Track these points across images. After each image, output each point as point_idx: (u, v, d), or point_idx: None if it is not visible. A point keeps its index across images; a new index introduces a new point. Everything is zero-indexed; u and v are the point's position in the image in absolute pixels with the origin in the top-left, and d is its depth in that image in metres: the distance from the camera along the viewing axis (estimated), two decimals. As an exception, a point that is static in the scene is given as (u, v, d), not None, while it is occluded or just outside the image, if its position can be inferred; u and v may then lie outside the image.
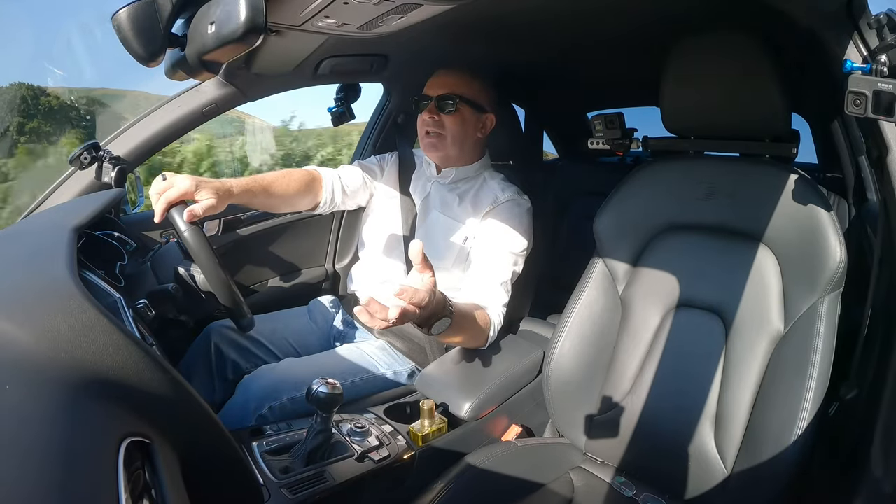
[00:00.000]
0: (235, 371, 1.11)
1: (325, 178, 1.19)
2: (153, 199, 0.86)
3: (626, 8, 0.97)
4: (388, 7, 0.68)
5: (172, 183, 0.86)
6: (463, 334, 0.99)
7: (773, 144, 0.90)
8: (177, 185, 0.85)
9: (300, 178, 1.14)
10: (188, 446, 0.50)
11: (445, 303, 0.86)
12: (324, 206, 1.20)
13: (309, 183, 1.16)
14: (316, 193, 1.18)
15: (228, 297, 0.85)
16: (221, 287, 0.85)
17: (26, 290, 0.47)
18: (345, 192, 1.23)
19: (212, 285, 0.85)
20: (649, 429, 0.89)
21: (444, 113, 1.13)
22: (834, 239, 0.77)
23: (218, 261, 0.85)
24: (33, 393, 0.38)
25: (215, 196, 0.90)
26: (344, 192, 1.23)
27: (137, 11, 0.63)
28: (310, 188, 1.16)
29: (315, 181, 1.18)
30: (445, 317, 0.86)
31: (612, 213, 0.99)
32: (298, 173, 1.15)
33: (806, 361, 0.76)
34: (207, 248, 0.84)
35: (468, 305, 1.00)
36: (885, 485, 0.68)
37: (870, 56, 0.69)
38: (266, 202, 1.07)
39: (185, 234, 0.84)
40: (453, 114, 1.13)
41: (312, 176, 1.17)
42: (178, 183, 0.86)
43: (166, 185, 0.85)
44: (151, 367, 0.46)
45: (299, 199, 1.15)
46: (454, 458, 0.88)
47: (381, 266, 1.22)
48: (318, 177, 1.19)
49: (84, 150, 1.03)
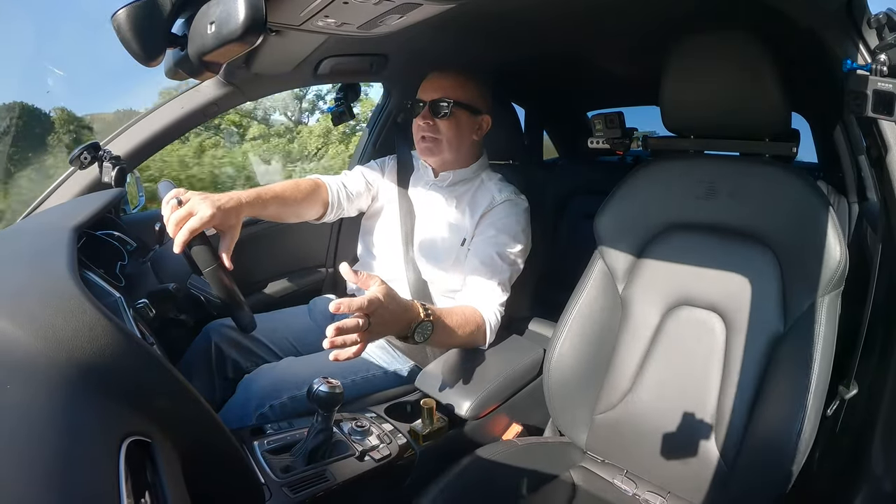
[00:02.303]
0: (236, 370, 1.11)
1: (331, 185, 1.18)
2: (170, 227, 0.80)
3: (626, 7, 0.97)
4: (388, 7, 0.68)
5: (192, 210, 0.80)
6: (453, 337, 0.98)
7: (773, 144, 0.90)
8: (199, 214, 0.80)
9: (307, 187, 1.12)
10: (189, 445, 0.50)
11: (419, 309, 0.87)
12: (329, 215, 1.19)
13: (315, 191, 1.14)
14: (322, 202, 1.16)
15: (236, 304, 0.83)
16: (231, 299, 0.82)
17: (27, 290, 0.47)
18: (349, 198, 1.22)
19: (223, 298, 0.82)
20: (650, 427, 0.89)
21: (438, 117, 1.12)
22: (834, 238, 0.77)
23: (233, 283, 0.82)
24: (34, 393, 0.38)
25: (236, 218, 0.87)
26: (349, 199, 1.21)
27: (137, 11, 0.63)
28: (317, 197, 1.15)
29: (320, 189, 1.16)
30: (424, 321, 0.87)
31: (612, 212, 0.99)
32: (305, 183, 1.13)
33: (806, 360, 0.76)
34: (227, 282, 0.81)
35: (455, 308, 1.00)
36: (885, 484, 0.68)
37: (870, 55, 0.69)
38: (276, 212, 1.04)
39: (207, 272, 0.79)
40: (448, 118, 1.12)
41: (317, 184, 1.16)
42: (198, 210, 0.80)
43: (185, 212, 0.80)
44: (152, 366, 0.47)
45: (307, 208, 1.13)
46: (455, 456, 0.88)
47: (380, 267, 1.22)
48: (323, 185, 1.17)
49: (84, 150, 1.03)
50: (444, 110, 1.11)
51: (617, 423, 0.93)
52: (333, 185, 1.18)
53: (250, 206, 0.92)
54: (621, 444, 0.92)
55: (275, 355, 1.14)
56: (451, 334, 0.97)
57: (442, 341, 0.99)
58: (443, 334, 0.93)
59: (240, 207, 0.89)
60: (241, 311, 0.81)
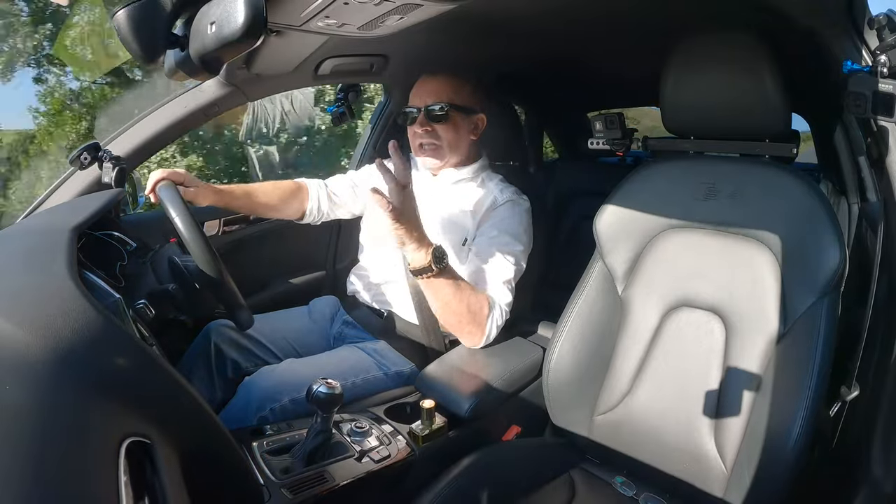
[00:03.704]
0: (235, 370, 1.11)
1: (311, 186, 1.28)
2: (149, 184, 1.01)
3: (626, 8, 0.97)
4: (389, 7, 0.68)
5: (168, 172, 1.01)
6: (460, 292, 1.00)
7: (773, 144, 0.90)
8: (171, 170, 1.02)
9: (285, 186, 1.25)
10: (189, 446, 0.50)
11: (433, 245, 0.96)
12: (310, 216, 1.29)
13: (294, 191, 1.26)
14: (301, 201, 1.26)
15: (220, 281, 0.85)
16: (210, 267, 0.84)
17: (26, 290, 0.47)
18: (332, 200, 1.30)
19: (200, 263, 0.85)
20: (649, 428, 0.89)
21: (436, 123, 1.12)
22: (834, 239, 0.77)
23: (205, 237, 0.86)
24: (33, 392, 0.38)
25: (197, 184, 1.07)
26: (331, 201, 1.29)
27: (137, 11, 0.63)
28: (294, 196, 1.26)
29: (300, 189, 1.27)
30: (441, 248, 0.96)
31: (612, 212, 0.99)
32: (284, 182, 1.26)
33: (806, 361, 0.75)
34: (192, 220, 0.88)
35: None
36: (885, 485, 0.68)
37: (870, 56, 0.69)
38: (247, 204, 1.19)
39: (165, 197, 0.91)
40: (445, 122, 1.12)
41: (298, 185, 1.27)
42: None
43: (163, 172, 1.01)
44: (151, 367, 0.46)
45: (283, 205, 1.24)
46: (454, 458, 0.88)
47: (380, 268, 1.22)
48: (304, 186, 1.28)
49: (84, 151, 1.03)
50: (440, 115, 1.11)
51: (616, 424, 0.93)
52: (314, 187, 1.29)
53: (220, 194, 1.13)
54: (620, 446, 0.92)
55: (274, 356, 1.14)
56: (459, 287, 1.00)
57: (450, 294, 0.99)
58: (453, 278, 0.98)
59: (213, 191, 1.11)
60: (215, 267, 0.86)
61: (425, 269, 0.95)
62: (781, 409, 0.76)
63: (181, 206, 0.88)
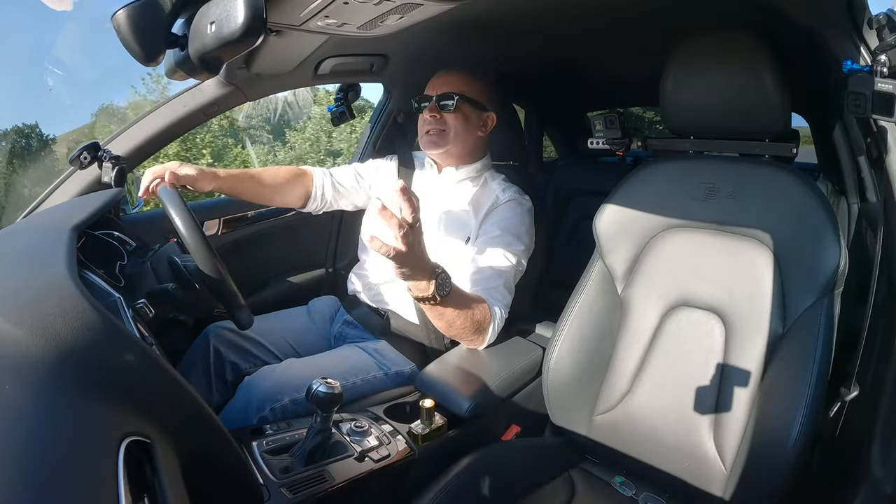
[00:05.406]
0: (235, 372, 1.11)
1: (315, 173, 1.27)
2: (144, 181, 1.02)
3: (626, 8, 0.97)
4: (389, 7, 0.68)
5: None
6: (464, 312, 0.97)
7: (773, 144, 0.90)
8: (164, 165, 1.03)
9: (289, 171, 1.24)
10: (188, 445, 0.50)
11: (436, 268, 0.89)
12: (314, 203, 1.27)
13: (298, 176, 1.25)
14: (305, 188, 1.25)
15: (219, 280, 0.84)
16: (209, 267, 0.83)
17: (26, 290, 0.47)
18: (336, 189, 1.28)
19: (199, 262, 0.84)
20: (648, 428, 0.89)
21: (445, 112, 1.14)
22: (833, 239, 0.77)
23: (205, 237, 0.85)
24: (32, 392, 0.38)
25: (196, 170, 1.05)
26: (335, 189, 1.28)
27: (137, 11, 0.63)
28: (299, 181, 1.24)
29: (304, 176, 1.26)
30: (445, 272, 0.90)
31: (611, 212, 0.99)
32: (287, 168, 1.25)
33: (805, 361, 0.75)
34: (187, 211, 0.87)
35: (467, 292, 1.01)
36: (885, 485, 0.68)
37: (870, 56, 0.69)
38: (253, 190, 1.17)
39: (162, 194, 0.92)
40: (455, 112, 1.14)
41: (302, 171, 1.26)
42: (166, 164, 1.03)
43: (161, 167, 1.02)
44: (151, 366, 0.46)
45: (288, 190, 1.23)
46: (454, 457, 0.88)
47: (380, 268, 1.22)
48: (308, 172, 1.27)
49: (84, 150, 1.03)
50: (450, 104, 1.13)
51: (616, 423, 0.93)
52: (318, 174, 1.28)
53: (222, 178, 1.11)
54: (620, 445, 0.92)
55: (274, 356, 1.14)
56: (463, 308, 0.97)
57: (453, 316, 0.96)
58: (456, 301, 0.95)
59: (208, 170, 1.09)
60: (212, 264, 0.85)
61: (428, 299, 0.90)
62: (781, 408, 0.76)
63: (181, 206, 0.88)
